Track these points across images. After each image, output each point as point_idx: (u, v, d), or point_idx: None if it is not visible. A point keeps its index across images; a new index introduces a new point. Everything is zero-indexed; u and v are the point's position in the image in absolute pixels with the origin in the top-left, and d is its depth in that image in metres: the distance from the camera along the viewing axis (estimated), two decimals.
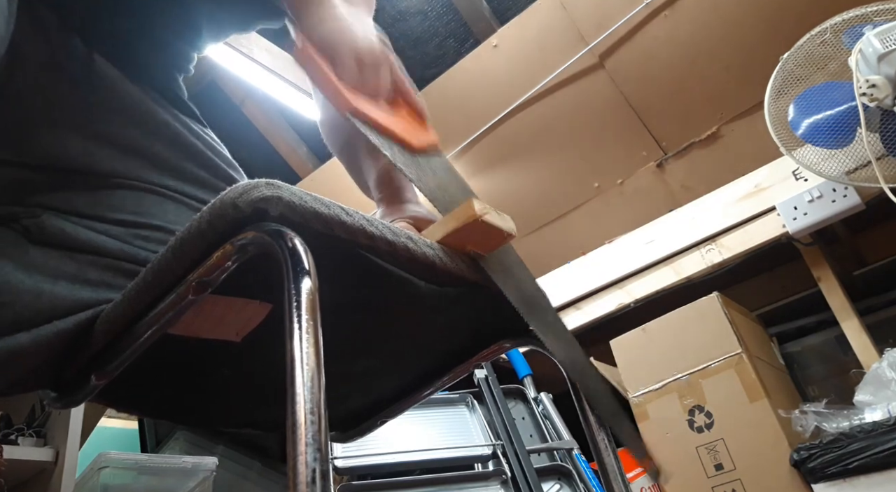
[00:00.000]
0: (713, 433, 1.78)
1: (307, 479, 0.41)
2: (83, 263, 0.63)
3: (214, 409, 0.78)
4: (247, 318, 0.61)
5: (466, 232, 0.64)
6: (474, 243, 0.66)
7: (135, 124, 0.75)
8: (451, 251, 0.65)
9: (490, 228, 0.63)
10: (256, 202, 0.51)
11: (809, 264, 1.94)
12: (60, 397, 0.64)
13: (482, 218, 0.62)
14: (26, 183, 0.67)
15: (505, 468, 1.91)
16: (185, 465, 1.73)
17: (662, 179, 2.53)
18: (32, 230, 0.64)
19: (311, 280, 0.48)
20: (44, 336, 0.58)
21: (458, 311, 0.63)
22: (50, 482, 1.55)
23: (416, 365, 0.81)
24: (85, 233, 0.65)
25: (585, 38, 2.50)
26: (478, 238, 0.65)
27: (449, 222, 0.64)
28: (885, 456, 1.48)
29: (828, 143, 1.63)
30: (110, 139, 0.73)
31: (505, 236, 0.66)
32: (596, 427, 0.74)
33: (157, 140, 0.77)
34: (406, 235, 0.61)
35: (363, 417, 0.88)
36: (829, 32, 1.64)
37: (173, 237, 0.55)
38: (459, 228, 0.63)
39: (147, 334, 0.57)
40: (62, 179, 0.68)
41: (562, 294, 2.31)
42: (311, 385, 0.44)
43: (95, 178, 0.70)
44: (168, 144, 0.77)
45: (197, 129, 0.83)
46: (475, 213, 0.62)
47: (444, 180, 0.76)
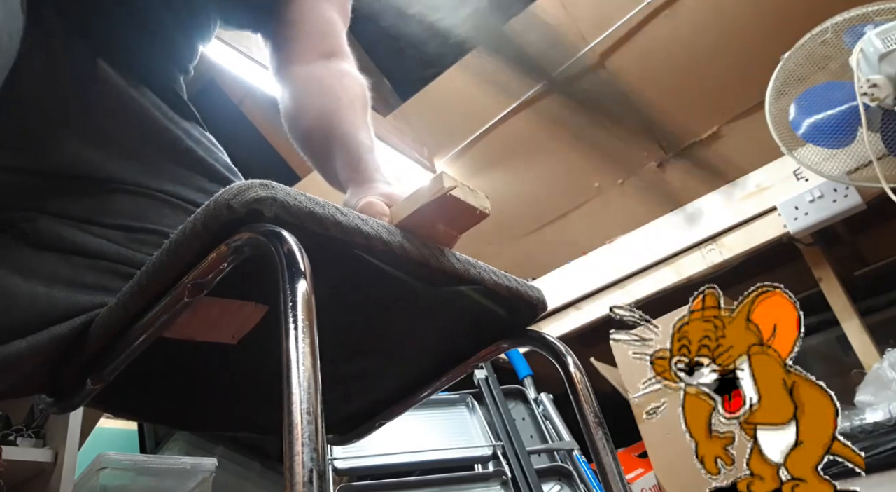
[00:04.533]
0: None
1: (304, 479, 0.41)
2: (79, 266, 0.63)
3: (211, 413, 0.78)
4: (243, 320, 0.61)
5: (435, 209, 0.60)
6: (445, 222, 0.63)
7: (134, 129, 0.75)
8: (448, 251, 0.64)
9: (460, 204, 0.60)
10: (251, 203, 0.50)
11: (810, 264, 1.94)
12: (56, 402, 0.64)
13: (450, 193, 0.58)
14: (23, 187, 0.67)
15: (505, 469, 1.90)
16: (184, 466, 1.73)
17: (663, 179, 2.53)
18: (29, 234, 0.64)
19: (307, 281, 0.48)
20: (40, 341, 0.58)
21: (456, 311, 0.62)
22: (49, 483, 1.55)
23: (413, 366, 0.80)
24: (81, 237, 0.64)
25: (586, 37, 2.49)
26: (449, 216, 0.62)
27: (417, 198, 0.61)
28: (887, 456, 1.48)
29: (829, 142, 1.62)
30: (109, 143, 0.72)
31: (477, 215, 0.62)
32: (594, 428, 0.73)
33: (157, 145, 0.76)
34: (402, 234, 0.60)
35: (361, 419, 0.87)
36: (830, 32, 1.63)
37: (168, 240, 0.55)
38: (429, 204, 0.60)
39: (142, 338, 0.57)
40: (60, 184, 0.68)
41: (562, 295, 2.31)
42: (307, 385, 0.44)
43: (93, 182, 0.70)
44: (167, 150, 0.77)
45: (196, 133, 0.82)
46: (444, 186, 0.58)
47: None
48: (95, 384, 0.60)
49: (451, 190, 0.58)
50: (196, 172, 0.78)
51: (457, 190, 0.59)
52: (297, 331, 0.46)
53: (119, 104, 0.75)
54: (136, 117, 0.75)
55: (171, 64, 0.86)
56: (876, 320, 2.01)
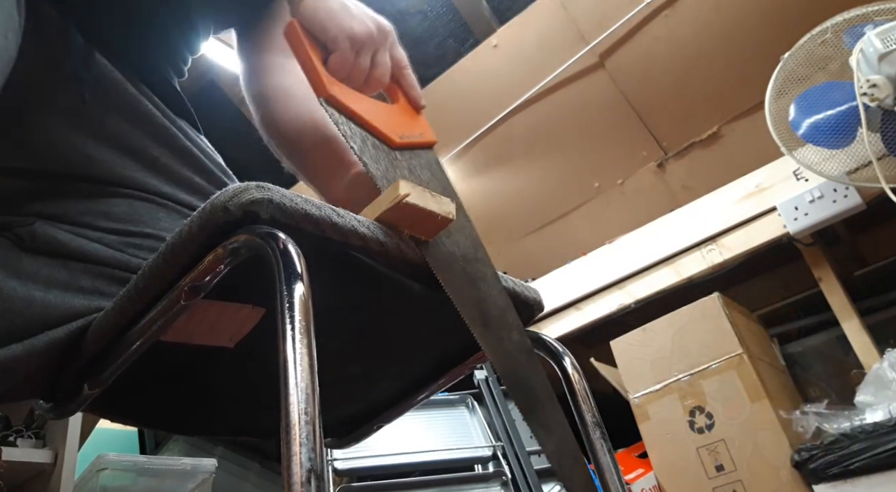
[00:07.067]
0: (714, 434, 1.77)
1: (302, 479, 0.41)
2: (76, 270, 0.63)
3: (209, 417, 0.78)
4: (240, 323, 0.61)
5: (397, 214, 0.60)
6: (410, 227, 0.62)
7: (132, 125, 0.74)
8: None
9: (420, 210, 0.59)
10: (247, 205, 0.51)
11: (810, 265, 1.94)
12: (53, 407, 0.64)
13: (406, 200, 0.58)
14: (19, 191, 0.67)
15: (505, 470, 1.90)
16: (184, 466, 1.73)
17: (663, 179, 2.52)
18: (25, 238, 0.64)
19: (304, 282, 0.48)
20: (36, 345, 0.58)
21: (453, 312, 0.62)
22: (49, 484, 1.55)
23: (411, 368, 0.80)
24: (77, 241, 0.64)
25: (586, 37, 2.49)
26: (411, 221, 0.61)
27: (380, 204, 0.60)
28: (887, 457, 1.47)
29: (829, 142, 1.62)
30: (107, 139, 0.72)
31: (439, 220, 0.61)
32: (591, 428, 0.73)
33: (155, 142, 0.76)
34: (399, 235, 0.60)
35: (359, 422, 0.87)
36: (830, 32, 1.63)
37: (164, 243, 0.55)
38: (389, 210, 0.59)
39: (139, 341, 0.57)
40: (56, 187, 0.68)
41: (562, 294, 2.31)
42: (304, 387, 0.44)
43: (90, 182, 0.69)
44: (165, 147, 0.76)
45: (192, 134, 0.82)
46: (399, 193, 0.58)
47: (420, 179, 0.73)
48: (92, 389, 0.60)
49: (405, 197, 0.58)
50: (193, 171, 0.78)
51: (412, 197, 0.58)
52: (295, 333, 0.46)
53: (117, 99, 0.74)
54: (134, 113, 0.75)
55: (165, 61, 0.86)
56: (876, 320, 2.01)
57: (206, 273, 0.52)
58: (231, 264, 0.52)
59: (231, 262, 0.52)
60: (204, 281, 0.52)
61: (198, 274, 0.52)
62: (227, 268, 0.52)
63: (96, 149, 0.71)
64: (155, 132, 0.76)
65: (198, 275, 0.52)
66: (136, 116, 0.75)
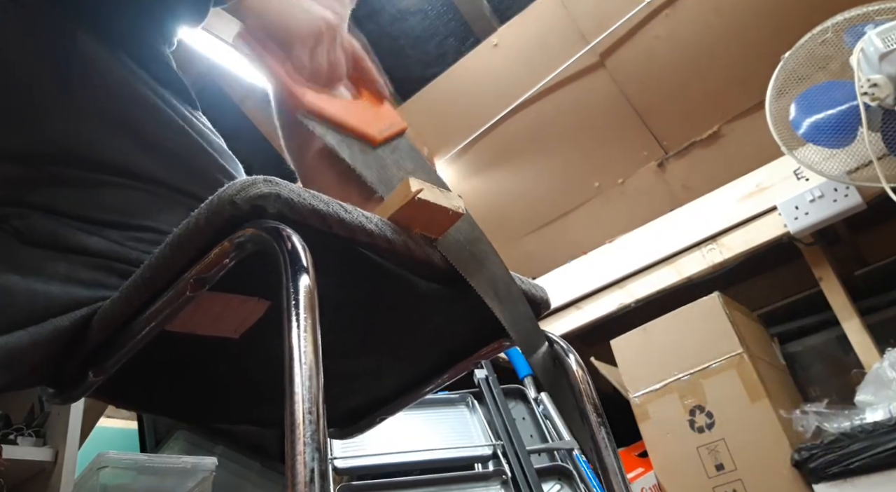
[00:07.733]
0: (714, 433, 1.78)
1: (305, 478, 0.41)
2: (75, 263, 0.63)
3: (212, 405, 0.78)
4: (245, 315, 0.61)
5: (409, 212, 0.60)
6: (421, 225, 0.62)
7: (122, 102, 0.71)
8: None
9: (432, 206, 0.60)
10: (254, 199, 0.51)
11: (811, 264, 1.94)
12: (58, 393, 0.64)
13: (418, 196, 0.58)
14: (14, 180, 0.65)
15: (505, 469, 1.90)
16: (184, 465, 1.72)
17: (663, 179, 2.52)
18: (23, 231, 0.63)
19: (310, 277, 0.48)
20: (42, 334, 0.58)
21: (458, 308, 0.62)
22: (49, 482, 1.55)
23: (415, 363, 0.80)
24: (75, 234, 0.64)
25: (586, 37, 2.49)
26: (423, 219, 0.61)
27: (391, 203, 0.61)
28: (887, 456, 1.48)
29: (829, 142, 1.62)
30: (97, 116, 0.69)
31: (450, 215, 0.61)
32: (596, 427, 0.73)
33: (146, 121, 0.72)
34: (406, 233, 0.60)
35: (362, 414, 0.87)
36: (831, 31, 1.63)
37: (171, 235, 0.55)
38: (401, 209, 0.59)
39: (144, 331, 0.57)
40: (50, 173, 0.66)
41: (562, 294, 2.31)
42: (309, 384, 0.44)
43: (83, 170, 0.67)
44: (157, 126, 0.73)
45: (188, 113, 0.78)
46: (411, 191, 0.58)
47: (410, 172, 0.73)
48: (97, 376, 0.60)
49: (418, 193, 0.58)
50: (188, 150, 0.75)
51: (425, 193, 0.59)
52: (300, 327, 0.46)
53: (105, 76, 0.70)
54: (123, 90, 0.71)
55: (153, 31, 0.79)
56: (876, 320, 2.01)
57: (212, 266, 0.52)
58: (237, 258, 0.52)
59: (237, 256, 0.52)
60: (210, 273, 0.52)
61: (204, 267, 0.52)
62: (234, 261, 0.52)
63: (85, 126, 0.68)
64: (145, 111, 0.73)
65: (204, 267, 0.52)
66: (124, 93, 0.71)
